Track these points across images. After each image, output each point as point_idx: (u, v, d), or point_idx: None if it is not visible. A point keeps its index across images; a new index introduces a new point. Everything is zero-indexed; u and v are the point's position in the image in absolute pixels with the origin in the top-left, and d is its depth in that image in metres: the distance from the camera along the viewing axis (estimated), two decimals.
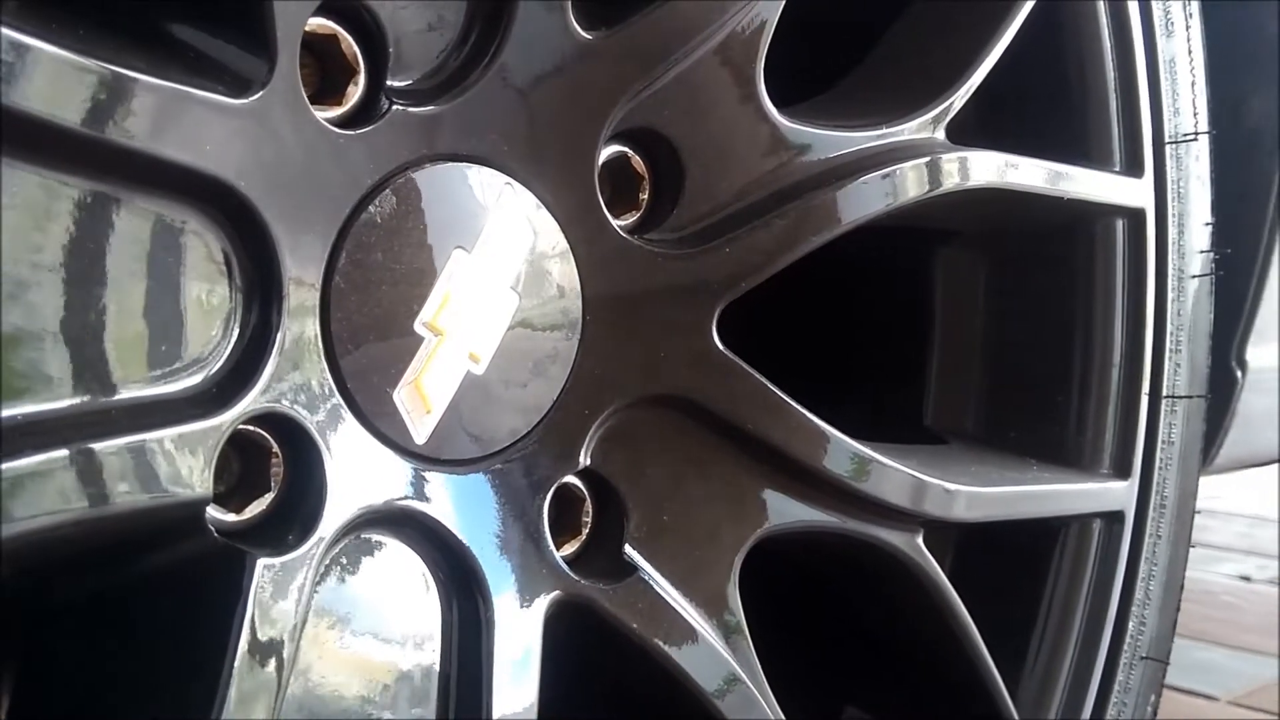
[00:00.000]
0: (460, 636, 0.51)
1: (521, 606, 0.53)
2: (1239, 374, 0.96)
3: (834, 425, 0.61)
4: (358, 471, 0.49)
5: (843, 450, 0.61)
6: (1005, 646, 0.73)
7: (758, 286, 0.60)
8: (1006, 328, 0.78)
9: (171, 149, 0.42)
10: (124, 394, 0.43)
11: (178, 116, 0.42)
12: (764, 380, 0.59)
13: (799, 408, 0.59)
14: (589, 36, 0.53)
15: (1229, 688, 1.57)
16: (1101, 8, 0.74)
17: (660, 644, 0.56)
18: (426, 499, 0.52)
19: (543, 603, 0.53)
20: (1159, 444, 0.79)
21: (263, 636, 0.44)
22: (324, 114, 0.47)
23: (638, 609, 0.56)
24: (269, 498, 0.48)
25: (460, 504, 0.53)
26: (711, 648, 0.57)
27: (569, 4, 0.52)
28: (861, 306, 0.82)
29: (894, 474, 0.63)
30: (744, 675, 0.58)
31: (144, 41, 0.44)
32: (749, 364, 0.59)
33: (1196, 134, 0.80)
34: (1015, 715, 0.71)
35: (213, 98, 0.43)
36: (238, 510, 0.47)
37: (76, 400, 0.41)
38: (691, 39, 0.56)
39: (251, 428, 0.47)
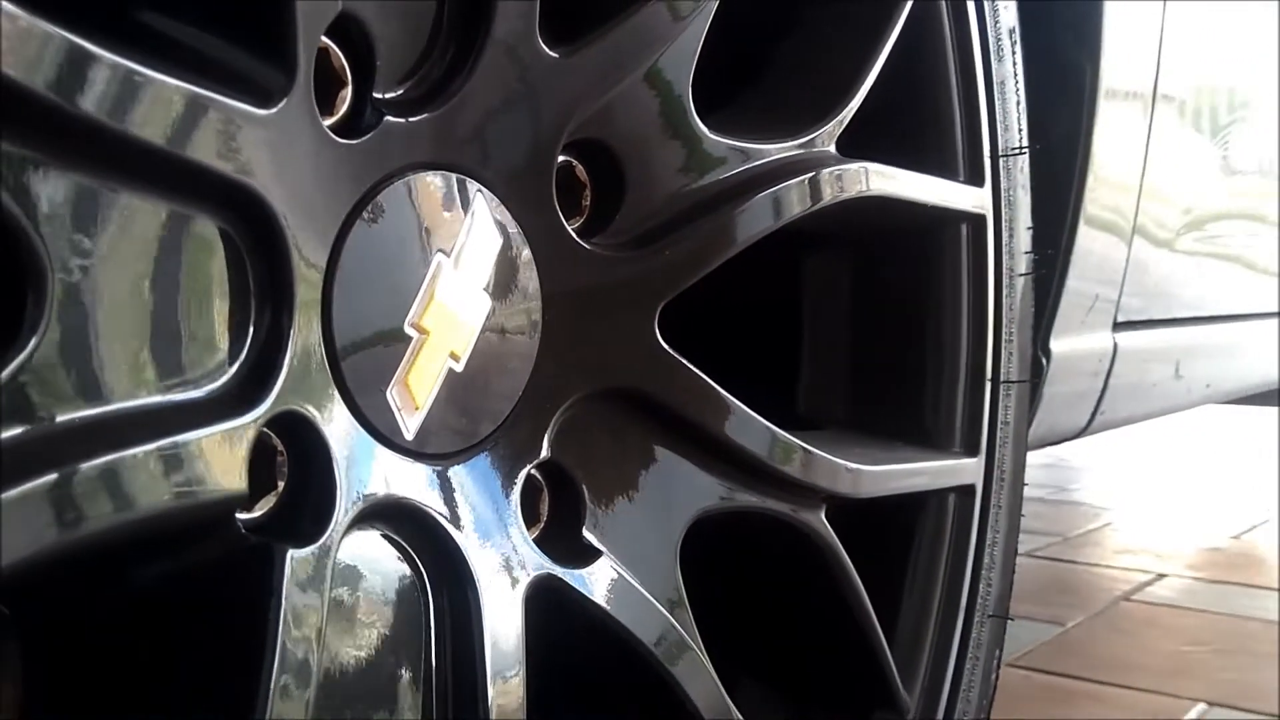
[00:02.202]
0: (452, 619, 0.54)
1: (505, 591, 0.56)
2: (1045, 362, 1.07)
3: None
4: (358, 467, 0.51)
5: (771, 437, 0.67)
6: (880, 614, 0.80)
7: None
8: (869, 324, 0.86)
9: (211, 157, 0.43)
10: (171, 396, 0.44)
11: (217, 126, 0.43)
12: (700, 374, 0.64)
13: (732, 399, 0.65)
14: (554, 55, 0.56)
15: (1009, 650, 1.72)
16: (948, 34, 0.82)
17: (620, 619, 0.60)
18: (417, 491, 0.54)
19: (521, 585, 0.57)
20: (999, 424, 0.89)
21: (297, 628, 0.46)
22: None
23: (601, 588, 0.60)
24: (274, 495, 0.50)
25: (445, 495, 0.55)
26: (666, 621, 0.61)
27: (536, 23, 0.55)
28: (736, 305, 0.88)
29: (812, 457, 0.69)
30: (692, 644, 0.63)
31: (160, 46, 0.45)
32: None
33: (1021, 148, 0.90)
34: (898, 677, 0.79)
35: (244, 107, 0.44)
36: (247, 508, 0.49)
37: (130, 403, 0.42)
38: (635, 57, 0.60)
39: (263, 428, 0.48)
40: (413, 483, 0.54)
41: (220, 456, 0.45)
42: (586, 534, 0.61)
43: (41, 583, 0.43)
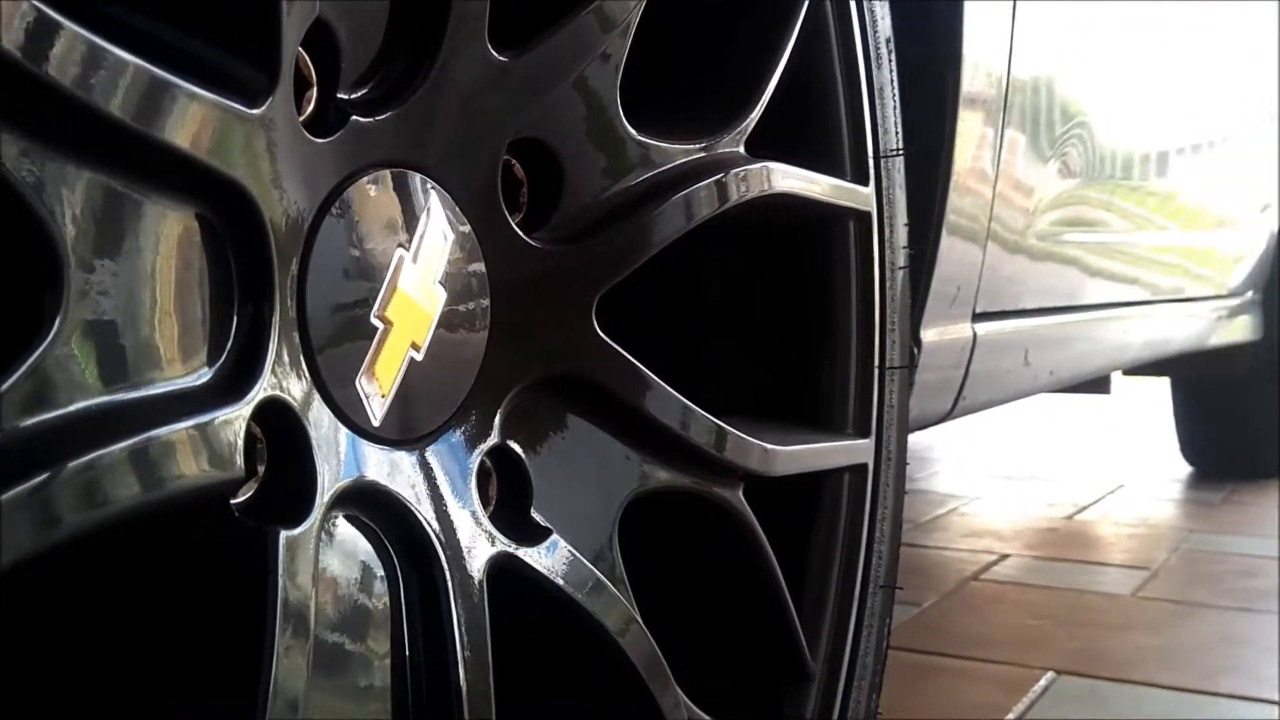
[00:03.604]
0: (422, 597, 0.57)
1: (468, 568, 0.58)
2: (916, 351, 1.15)
3: None
4: (333, 453, 0.53)
5: (701, 421, 0.71)
6: (788, 587, 0.85)
7: None
8: (768, 314, 0.91)
9: (208, 154, 0.45)
10: (175, 385, 0.45)
11: (214, 124, 0.45)
12: (636, 362, 0.68)
13: (666, 386, 0.69)
14: (502, 59, 0.59)
15: None
16: (834, 42, 0.88)
17: (574, 594, 0.63)
18: (385, 475, 0.56)
19: (482, 563, 0.59)
20: (885, 407, 0.95)
21: (293, 607, 0.48)
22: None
23: (552, 565, 0.63)
24: (255, 482, 0.51)
25: (410, 479, 0.58)
26: (615, 596, 0.65)
27: (486, 29, 0.58)
28: (640, 298, 0.92)
29: (734, 439, 0.74)
30: (637, 619, 0.66)
31: (152, 43, 0.46)
32: None
33: (898, 151, 0.96)
34: (806, 647, 0.84)
35: (236, 106, 0.46)
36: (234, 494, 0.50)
37: (137, 393, 0.44)
38: (573, 61, 0.64)
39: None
40: (382, 467, 0.56)
41: (217, 442, 0.46)
42: (534, 514, 0.64)
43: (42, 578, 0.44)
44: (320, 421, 0.53)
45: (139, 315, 0.45)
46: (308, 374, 0.52)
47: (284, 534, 0.49)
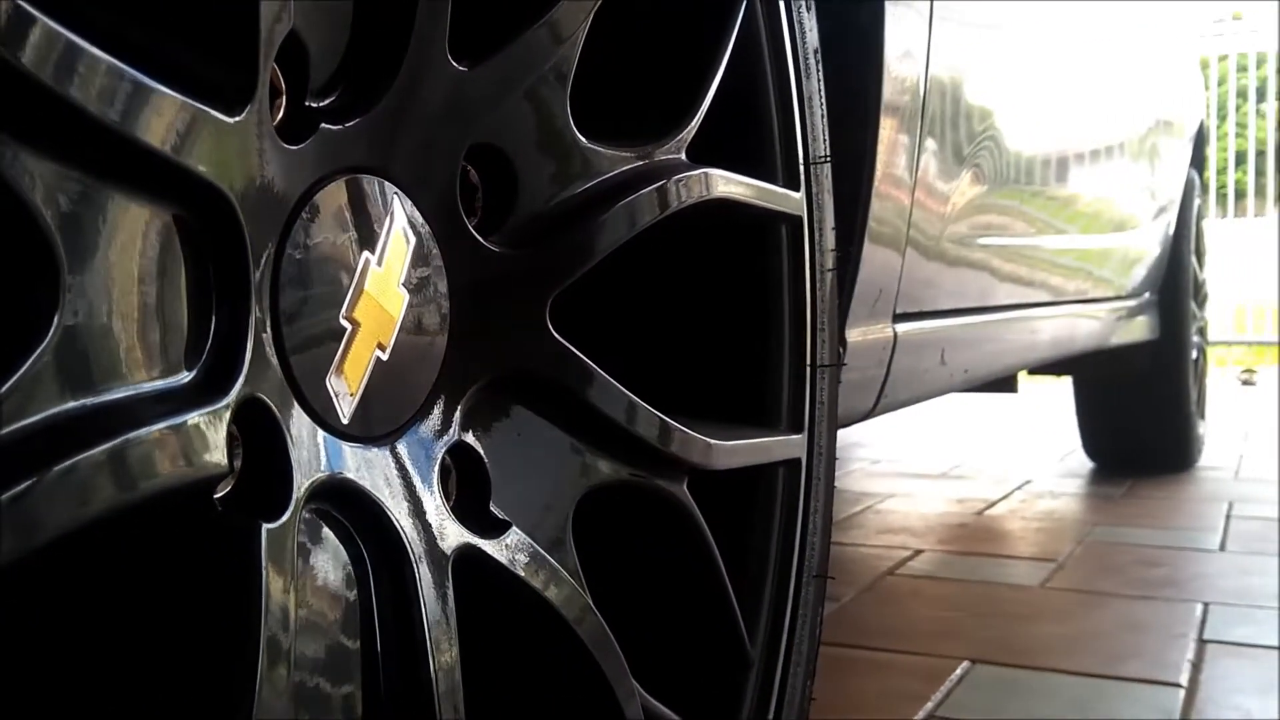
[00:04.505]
0: (392, 589, 0.58)
1: (435, 561, 0.60)
2: (843, 351, 1.19)
3: None
4: (307, 450, 0.55)
5: (650, 418, 0.74)
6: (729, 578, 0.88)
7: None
8: (709, 315, 0.94)
9: (192, 160, 0.47)
10: (159, 385, 0.47)
11: (198, 130, 0.47)
12: (589, 361, 0.70)
13: (616, 383, 0.71)
14: (461, 69, 0.62)
15: None
16: (766, 53, 0.92)
17: (533, 584, 0.66)
18: (355, 471, 0.58)
19: (448, 555, 0.61)
20: (817, 404, 0.99)
21: (277, 599, 0.50)
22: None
23: (513, 557, 0.65)
24: (232, 478, 0.53)
25: (378, 475, 0.60)
26: (572, 586, 0.67)
27: (447, 39, 0.60)
28: (593, 301, 0.94)
29: (681, 435, 0.76)
30: (594, 610, 0.69)
31: (135, 51, 0.48)
32: None
33: (826, 158, 1.00)
34: (746, 635, 0.87)
35: (217, 114, 0.48)
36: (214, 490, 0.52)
37: (135, 389, 0.45)
38: (526, 71, 0.66)
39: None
40: (351, 463, 0.58)
41: (200, 439, 0.48)
42: (494, 508, 0.66)
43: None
44: (293, 419, 0.55)
45: (127, 317, 0.46)
46: (281, 373, 0.54)
47: (267, 528, 0.50)
